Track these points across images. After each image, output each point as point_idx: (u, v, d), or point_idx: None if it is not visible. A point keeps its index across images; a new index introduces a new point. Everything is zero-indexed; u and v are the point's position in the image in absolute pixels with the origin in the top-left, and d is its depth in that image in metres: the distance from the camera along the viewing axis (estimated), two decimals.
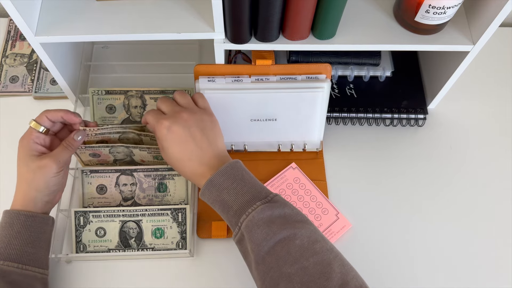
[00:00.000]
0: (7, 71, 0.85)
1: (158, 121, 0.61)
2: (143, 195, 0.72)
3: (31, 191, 0.63)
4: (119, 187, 0.72)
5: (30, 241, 0.61)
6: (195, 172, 0.60)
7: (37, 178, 0.62)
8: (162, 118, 0.61)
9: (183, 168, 0.61)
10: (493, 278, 0.70)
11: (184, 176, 0.63)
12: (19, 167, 0.64)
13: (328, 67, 0.70)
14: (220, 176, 0.58)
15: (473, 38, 0.66)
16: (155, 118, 0.62)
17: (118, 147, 0.70)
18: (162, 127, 0.60)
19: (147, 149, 0.70)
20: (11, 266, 0.58)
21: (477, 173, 0.78)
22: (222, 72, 0.70)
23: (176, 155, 0.61)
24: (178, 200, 0.72)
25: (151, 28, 0.64)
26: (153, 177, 0.71)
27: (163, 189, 0.72)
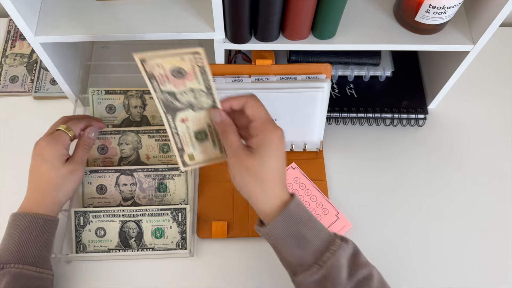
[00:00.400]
0: (7, 71, 0.85)
1: (274, 125, 0.53)
2: (143, 195, 0.72)
3: (59, 195, 0.63)
4: (119, 187, 0.72)
5: (45, 245, 0.62)
6: (274, 194, 0.53)
7: (67, 183, 0.64)
8: (275, 124, 0.54)
9: (265, 184, 0.52)
10: (494, 277, 0.70)
11: (249, 195, 0.53)
12: (46, 170, 0.63)
13: (328, 67, 0.70)
14: (297, 206, 0.52)
15: (473, 38, 0.66)
16: (270, 118, 0.54)
17: (127, 135, 0.71)
18: (276, 133, 0.53)
19: (155, 134, 0.72)
20: (30, 269, 0.59)
21: (477, 172, 0.78)
22: (222, 72, 0.70)
23: (273, 166, 0.52)
24: (178, 200, 0.72)
25: (151, 28, 0.64)
26: (153, 177, 0.71)
27: (163, 189, 0.72)
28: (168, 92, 0.53)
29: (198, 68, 0.52)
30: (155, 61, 0.51)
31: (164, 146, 0.75)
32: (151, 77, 0.52)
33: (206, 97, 0.55)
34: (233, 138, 0.54)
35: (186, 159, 0.59)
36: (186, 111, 0.55)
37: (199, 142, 0.58)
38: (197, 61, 0.51)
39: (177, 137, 0.57)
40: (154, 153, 0.75)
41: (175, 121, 0.56)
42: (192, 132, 0.57)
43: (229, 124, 0.55)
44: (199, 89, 0.54)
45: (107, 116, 0.78)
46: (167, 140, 0.75)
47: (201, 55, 0.51)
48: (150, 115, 0.78)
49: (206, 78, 0.53)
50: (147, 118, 0.78)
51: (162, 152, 0.75)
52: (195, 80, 0.53)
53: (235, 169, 0.53)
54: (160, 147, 0.75)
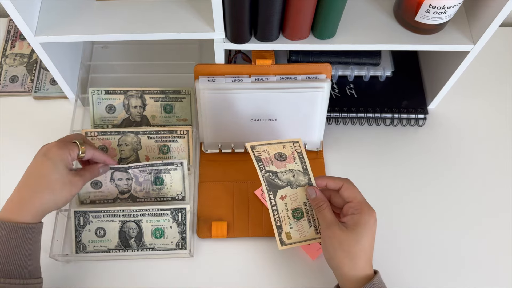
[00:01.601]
0: (7, 71, 0.85)
1: (370, 208, 0.59)
2: (139, 188, 0.72)
3: (49, 200, 0.59)
4: (114, 182, 0.72)
5: (29, 254, 0.58)
6: (361, 270, 0.57)
7: (65, 193, 0.61)
8: (371, 207, 0.59)
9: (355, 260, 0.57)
10: (494, 276, 0.70)
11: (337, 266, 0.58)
12: (47, 169, 0.60)
13: (328, 67, 0.70)
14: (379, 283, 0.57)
15: (473, 38, 0.66)
16: (366, 201, 0.60)
17: (127, 136, 0.72)
18: (373, 215, 0.58)
19: (155, 135, 0.72)
20: (13, 283, 0.55)
21: (478, 172, 0.78)
22: (222, 72, 0.70)
23: (366, 245, 0.57)
24: (175, 193, 0.72)
25: (151, 28, 0.64)
26: (148, 171, 0.71)
27: (160, 182, 0.72)
28: (271, 171, 0.63)
29: (297, 153, 0.63)
30: (263, 148, 0.62)
31: (164, 147, 0.75)
32: (259, 160, 0.62)
33: (303, 176, 0.63)
34: (328, 212, 0.60)
35: (283, 237, 0.64)
36: (285, 188, 0.63)
37: (296, 221, 0.64)
38: (295, 148, 0.63)
39: (277, 214, 0.63)
40: (154, 154, 0.75)
41: (276, 198, 0.63)
42: (290, 210, 0.64)
43: (323, 199, 0.61)
44: (297, 169, 0.63)
45: (107, 116, 0.78)
46: (166, 141, 0.75)
47: (299, 143, 0.62)
48: (150, 115, 0.78)
49: (303, 161, 0.63)
50: (147, 118, 0.78)
51: (161, 153, 0.75)
52: (294, 163, 0.63)
53: (329, 241, 0.58)
54: (159, 148, 0.75)
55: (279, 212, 0.63)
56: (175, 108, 0.78)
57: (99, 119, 0.78)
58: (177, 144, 0.75)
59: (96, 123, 0.78)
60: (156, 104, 0.78)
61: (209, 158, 0.77)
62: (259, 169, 0.62)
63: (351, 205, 0.59)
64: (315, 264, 0.70)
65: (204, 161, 0.77)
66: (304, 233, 0.65)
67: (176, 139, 0.75)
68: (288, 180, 0.63)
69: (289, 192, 0.63)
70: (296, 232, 0.64)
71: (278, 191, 0.63)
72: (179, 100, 0.78)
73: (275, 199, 0.63)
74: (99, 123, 0.78)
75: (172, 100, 0.78)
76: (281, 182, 0.63)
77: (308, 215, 0.64)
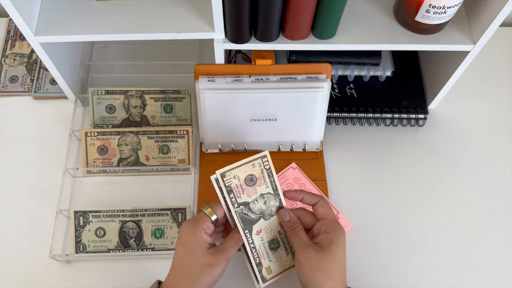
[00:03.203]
0: (6, 71, 0.85)
1: (341, 226, 0.58)
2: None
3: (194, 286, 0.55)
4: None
5: None
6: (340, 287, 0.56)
7: (205, 277, 0.55)
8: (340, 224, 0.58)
9: (334, 278, 0.56)
10: (494, 277, 0.70)
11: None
12: (185, 256, 0.57)
13: (328, 67, 0.70)
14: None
15: (473, 38, 0.66)
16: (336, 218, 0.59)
17: (127, 136, 0.72)
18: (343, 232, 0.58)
19: (155, 135, 0.72)
20: None
21: (478, 172, 0.78)
22: (222, 72, 0.70)
23: (341, 262, 0.57)
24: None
25: (151, 28, 0.64)
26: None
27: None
28: (243, 203, 0.58)
29: (266, 171, 0.58)
30: (233, 173, 0.57)
31: (164, 147, 0.75)
32: (230, 191, 0.57)
33: (274, 200, 0.60)
34: (303, 233, 0.58)
35: (264, 273, 0.61)
36: (259, 221, 0.59)
37: (273, 252, 0.61)
38: (264, 165, 0.58)
39: (255, 252, 0.60)
40: (154, 154, 0.75)
41: (252, 235, 0.59)
42: (266, 243, 0.61)
43: (297, 221, 0.59)
44: (268, 192, 0.59)
45: (107, 116, 0.78)
46: (166, 141, 0.75)
47: (267, 158, 0.58)
48: (150, 115, 0.78)
49: (273, 179, 0.59)
50: (146, 118, 0.78)
51: (161, 153, 0.75)
52: (264, 185, 0.59)
53: (307, 263, 0.56)
54: (159, 148, 0.75)
55: (257, 249, 0.60)
56: (175, 108, 0.78)
57: (99, 119, 0.78)
58: (177, 144, 0.75)
59: (96, 123, 0.78)
60: (156, 104, 0.78)
61: (209, 158, 0.77)
62: (231, 204, 0.57)
63: (324, 223, 0.58)
64: None
65: (204, 161, 0.77)
66: (283, 263, 0.62)
67: (176, 139, 0.75)
68: (260, 211, 0.59)
69: (263, 225, 0.60)
70: (275, 264, 0.61)
71: (252, 227, 0.59)
72: (179, 100, 0.78)
73: (251, 237, 0.59)
74: (99, 123, 0.78)
75: (172, 100, 0.78)
76: (254, 215, 0.59)
77: (284, 243, 0.61)
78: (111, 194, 0.75)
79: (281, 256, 0.62)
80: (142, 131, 0.74)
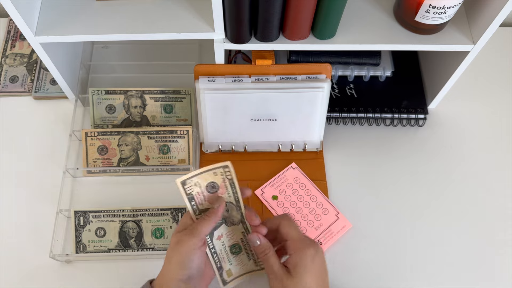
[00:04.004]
0: (7, 71, 0.85)
1: (308, 243, 0.55)
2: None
3: (170, 269, 0.55)
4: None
5: None
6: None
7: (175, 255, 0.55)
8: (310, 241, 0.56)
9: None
10: (493, 277, 0.70)
11: None
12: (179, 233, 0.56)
13: (328, 67, 0.70)
14: None
15: (473, 38, 0.66)
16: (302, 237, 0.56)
17: (127, 136, 0.72)
18: (309, 251, 0.54)
19: (155, 135, 0.72)
20: None
21: (477, 172, 0.78)
22: (222, 72, 0.70)
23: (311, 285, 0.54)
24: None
25: (151, 28, 0.64)
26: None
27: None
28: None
29: (228, 180, 0.56)
30: (194, 180, 0.55)
31: (164, 147, 0.75)
32: (191, 199, 0.56)
33: (236, 211, 0.58)
34: (273, 261, 0.56)
35: (225, 276, 0.61)
36: (221, 227, 0.59)
37: (234, 256, 0.61)
38: (226, 174, 0.55)
39: (216, 256, 0.60)
40: (154, 154, 0.75)
41: (213, 240, 0.59)
42: (227, 248, 0.61)
43: (267, 247, 0.57)
44: (230, 202, 0.58)
45: (107, 116, 0.78)
46: (166, 141, 0.75)
47: (229, 168, 0.55)
48: (150, 115, 0.78)
49: (235, 191, 0.57)
50: (147, 118, 0.78)
51: (161, 153, 0.75)
52: (226, 193, 0.57)
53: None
54: (159, 148, 0.75)
55: (218, 253, 0.59)
56: (175, 108, 0.78)
57: (99, 119, 0.78)
58: (177, 144, 0.75)
59: (96, 123, 0.78)
60: (156, 104, 0.78)
61: (209, 158, 0.77)
62: (193, 211, 0.56)
63: (288, 244, 0.56)
64: None
65: (204, 161, 0.77)
66: (245, 266, 0.62)
67: (176, 139, 0.75)
68: (223, 217, 0.58)
69: (225, 230, 0.59)
70: (236, 267, 0.62)
71: (214, 232, 0.58)
72: (179, 100, 0.78)
73: (212, 242, 0.58)
74: (99, 123, 0.78)
75: (172, 100, 0.78)
76: None
77: (246, 249, 0.61)
78: (111, 194, 0.75)
79: (242, 260, 0.62)
80: (142, 131, 0.74)
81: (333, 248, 0.71)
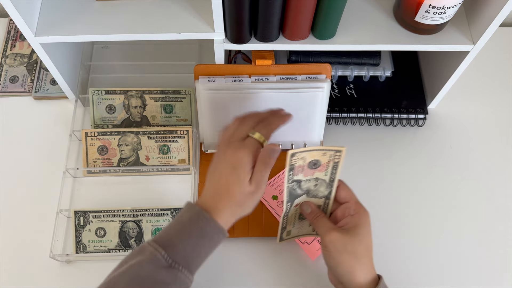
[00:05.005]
0: (7, 71, 0.85)
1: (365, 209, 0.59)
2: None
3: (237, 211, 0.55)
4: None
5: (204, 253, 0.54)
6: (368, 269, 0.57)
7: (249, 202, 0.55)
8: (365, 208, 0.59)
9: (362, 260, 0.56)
10: (494, 277, 0.70)
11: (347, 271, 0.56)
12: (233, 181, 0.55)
13: (328, 67, 0.70)
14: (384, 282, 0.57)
15: (473, 38, 0.66)
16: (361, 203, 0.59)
17: (127, 136, 0.72)
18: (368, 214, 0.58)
19: (155, 135, 0.73)
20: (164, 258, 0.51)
21: (477, 172, 0.78)
22: (222, 72, 0.70)
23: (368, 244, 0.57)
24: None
25: (151, 28, 0.64)
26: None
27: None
28: (296, 180, 0.58)
29: (333, 163, 0.57)
30: (302, 155, 0.55)
31: (164, 147, 0.75)
32: (291, 169, 0.56)
33: (324, 188, 0.60)
34: (326, 219, 0.59)
35: (284, 234, 0.66)
36: (302, 197, 0.61)
37: (300, 221, 0.65)
38: (335, 157, 0.57)
39: (285, 219, 0.63)
40: (154, 154, 0.75)
41: (291, 207, 0.61)
42: (298, 213, 0.63)
43: (319, 211, 0.61)
44: (323, 179, 0.59)
45: (107, 116, 0.78)
46: (166, 141, 0.75)
47: (342, 153, 0.56)
48: (150, 115, 0.78)
49: (335, 172, 0.58)
50: (147, 118, 0.78)
51: (161, 153, 0.75)
52: (324, 172, 0.58)
53: (332, 246, 0.56)
54: (159, 148, 0.75)
55: (289, 217, 0.63)
56: (175, 108, 0.78)
57: (99, 119, 0.78)
58: (177, 144, 0.75)
59: (96, 123, 0.78)
60: (156, 104, 0.78)
61: (209, 158, 0.77)
62: (287, 180, 0.57)
63: (347, 206, 0.59)
64: (315, 264, 0.70)
65: (204, 161, 0.77)
66: (303, 230, 0.66)
67: (176, 139, 0.75)
68: (307, 189, 0.60)
69: (303, 200, 0.62)
70: (296, 229, 0.66)
71: (295, 201, 0.61)
72: (179, 100, 0.78)
73: (290, 208, 0.61)
74: (99, 123, 0.78)
75: (172, 100, 0.78)
76: (300, 191, 0.60)
77: None
78: (111, 194, 0.75)
79: (303, 225, 0.65)
80: (142, 131, 0.74)
81: None
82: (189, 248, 0.52)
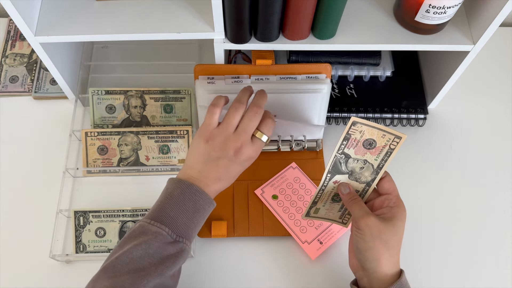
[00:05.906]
0: (7, 71, 0.85)
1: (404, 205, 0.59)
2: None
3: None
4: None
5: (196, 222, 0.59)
6: (395, 262, 0.57)
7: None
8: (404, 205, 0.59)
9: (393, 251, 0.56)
10: (493, 277, 0.70)
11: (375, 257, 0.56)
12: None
13: (328, 67, 0.70)
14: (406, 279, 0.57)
15: (473, 38, 0.66)
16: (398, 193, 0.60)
17: (127, 136, 0.72)
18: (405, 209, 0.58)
19: (155, 135, 0.72)
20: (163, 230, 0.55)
21: (477, 172, 0.78)
22: (222, 72, 0.70)
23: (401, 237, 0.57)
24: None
25: (151, 28, 0.64)
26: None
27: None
28: (346, 154, 0.58)
29: (389, 148, 0.57)
30: (363, 128, 0.56)
31: (164, 147, 0.75)
32: (347, 138, 0.57)
33: (369, 173, 0.59)
34: (363, 204, 0.59)
35: (312, 211, 0.64)
36: (343, 176, 0.60)
37: (331, 203, 0.64)
38: (392, 143, 0.57)
39: (320, 193, 0.62)
40: (154, 154, 0.75)
41: (330, 181, 0.61)
42: (332, 194, 0.63)
43: (356, 194, 0.61)
44: (371, 164, 0.59)
45: (107, 116, 0.78)
46: (166, 141, 0.75)
47: (401, 141, 0.56)
48: (150, 115, 0.78)
49: (386, 159, 0.58)
50: (147, 118, 0.78)
51: (161, 153, 0.75)
52: (375, 156, 0.58)
53: (368, 230, 0.56)
54: (159, 148, 0.75)
55: (324, 192, 0.62)
56: (175, 108, 0.78)
57: (99, 119, 0.78)
58: (177, 144, 0.75)
59: (96, 123, 0.78)
60: (156, 104, 0.78)
61: None
62: (338, 148, 0.58)
63: (389, 197, 0.59)
64: (315, 264, 0.70)
65: None
66: (331, 214, 0.65)
67: (176, 139, 0.75)
68: (352, 169, 0.59)
69: (344, 180, 0.61)
70: (324, 210, 0.65)
71: (336, 175, 0.60)
72: (179, 100, 0.78)
73: (329, 181, 0.61)
74: (99, 123, 0.78)
75: (172, 100, 0.78)
76: (345, 169, 0.60)
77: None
78: (111, 194, 0.75)
79: (333, 208, 0.64)
80: (142, 131, 0.74)
81: (333, 248, 0.71)
82: (187, 221, 0.57)
